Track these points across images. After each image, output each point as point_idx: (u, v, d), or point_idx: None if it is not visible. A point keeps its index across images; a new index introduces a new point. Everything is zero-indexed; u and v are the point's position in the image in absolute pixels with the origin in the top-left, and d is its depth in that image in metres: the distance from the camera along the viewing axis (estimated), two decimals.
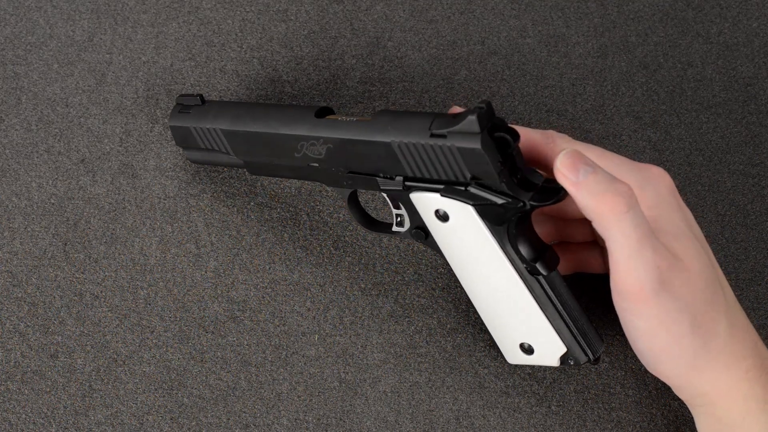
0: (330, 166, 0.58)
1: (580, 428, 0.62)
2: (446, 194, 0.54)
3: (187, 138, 0.63)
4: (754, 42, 0.69)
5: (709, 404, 0.55)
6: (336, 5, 0.69)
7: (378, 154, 0.55)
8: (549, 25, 0.69)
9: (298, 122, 0.58)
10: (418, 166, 0.54)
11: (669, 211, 0.55)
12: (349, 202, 0.60)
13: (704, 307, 0.53)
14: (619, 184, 0.51)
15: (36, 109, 0.67)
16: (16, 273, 0.64)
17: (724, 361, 0.53)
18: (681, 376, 0.55)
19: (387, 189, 0.56)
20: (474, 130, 0.51)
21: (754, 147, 0.68)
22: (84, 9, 0.69)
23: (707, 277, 0.53)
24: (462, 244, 0.55)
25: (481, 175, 0.52)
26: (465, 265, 0.56)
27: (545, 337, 0.56)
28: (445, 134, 0.52)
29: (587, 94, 0.68)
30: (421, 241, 0.58)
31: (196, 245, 0.65)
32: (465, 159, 0.52)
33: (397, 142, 0.54)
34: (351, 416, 0.62)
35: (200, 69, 0.68)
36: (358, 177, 0.57)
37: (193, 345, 0.63)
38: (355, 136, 0.55)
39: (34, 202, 0.66)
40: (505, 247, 0.54)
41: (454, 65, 0.68)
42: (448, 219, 0.55)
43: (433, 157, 0.53)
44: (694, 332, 0.52)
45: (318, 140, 0.57)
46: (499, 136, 0.52)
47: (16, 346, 0.63)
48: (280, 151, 0.59)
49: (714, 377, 0.54)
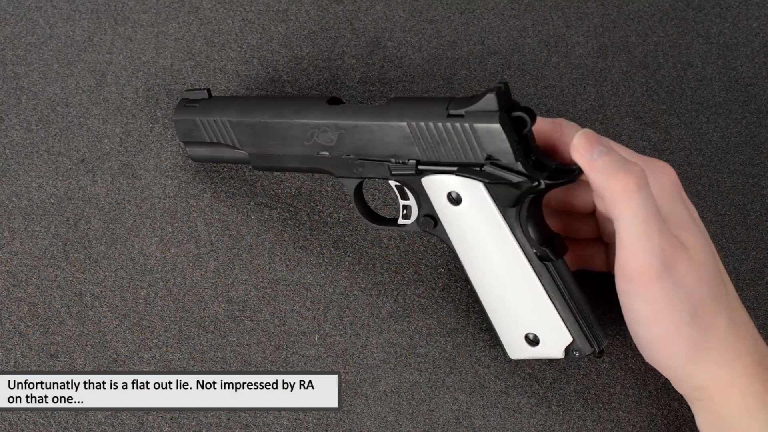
0: (341, 153, 0.58)
1: (580, 428, 0.62)
2: (461, 173, 0.55)
3: (191, 131, 0.62)
4: (754, 42, 0.69)
5: (708, 399, 0.55)
6: (336, 5, 0.69)
7: (392, 138, 0.56)
8: (549, 25, 0.69)
9: (310, 110, 0.58)
10: (433, 148, 0.55)
11: (673, 202, 0.55)
12: (354, 195, 0.60)
13: (706, 299, 0.53)
14: (631, 164, 0.52)
15: (36, 109, 0.67)
16: (16, 273, 0.65)
17: (723, 355, 0.54)
18: (678, 366, 0.55)
19: (399, 174, 0.57)
20: (492, 108, 0.53)
21: (754, 147, 0.68)
22: (84, 9, 0.69)
23: (711, 269, 0.54)
24: (473, 228, 0.56)
25: (498, 153, 0.53)
26: (474, 251, 0.56)
27: (551, 326, 0.56)
28: (462, 114, 0.53)
29: (587, 94, 0.68)
30: (428, 230, 0.58)
31: (196, 245, 0.65)
32: (482, 137, 0.53)
33: (414, 123, 0.55)
34: (351, 416, 0.62)
35: (200, 69, 0.68)
36: (369, 163, 0.58)
37: (193, 345, 0.63)
38: (371, 120, 0.56)
39: (34, 202, 0.66)
40: (515, 230, 0.55)
41: (454, 65, 0.68)
42: (460, 202, 0.56)
43: (450, 138, 0.54)
44: (693, 322, 0.53)
45: (331, 127, 0.57)
46: (516, 116, 0.53)
47: (16, 346, 0.63)
48: (289, 140, 0.59)
49: (712, 371, 0.54)
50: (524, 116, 0.53)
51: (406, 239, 0.65)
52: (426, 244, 0.65)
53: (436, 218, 0.57)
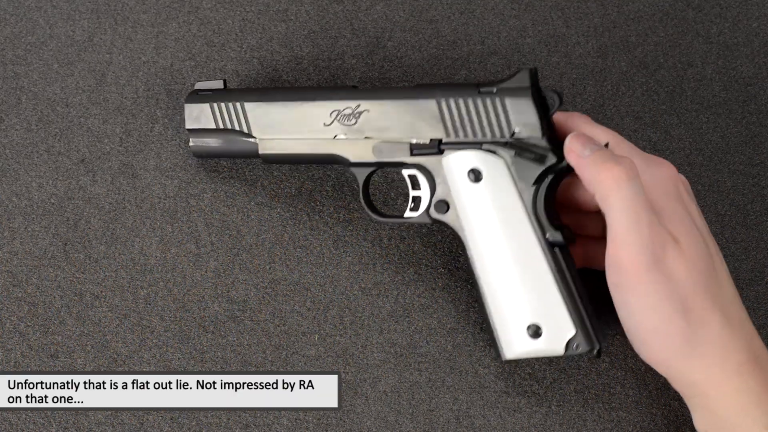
0: (360, 135, 0.59)
1: (580, 428, 0.62)
2: (486, 149, 0.57)
3: (200, 117, 0.62)
4: (754, 42, 0.69)
5: (702, 396, 0.55)
6: (336, 5, 0.69)
7: (418, 117, 0.58)
8: (549, 25, 0.69)
9: (334, 92, 0.60)
10: (459, 126, 0.58)
11: (667, 197, 0.56)
12: (363, 186, 0.61)
13: (697, 294, 0.53)
14: (622, 158, 0.54)
15: (36, 109, 0.67)
16: (16, 273, 0.65)
17: (717, 352, 0.54)
18: (670, 361, 0.55)
19: (420, 153, 0.58)
20: (524, 84, 0.57)
21: (754, 147, 0.68)
22: (84, 9, 0.69)
23: (703, 265, 0.54)
24: (489, 208, 0.57)
25: (526, 129, 0.56)
26: (485, 233, 0.57)
27: (557, 315, 0.56)
28: (494, 90, 0.57)
29: (587, 94, 0.68)
30: (438, 217, 0.59)
31: (196, 245, 0.65)
32: (512, 112, 0.57)
33: (443, 101, 0.58)
34: (351, 416, 0.62)
35: (200, 69, 0.68)
36: (389, 145, 0.59)
37: (193, 345, 0.63)
38: (400, 97, 0.59)
39: (34, 202, 0.66)
40: (531, 210, 0.57)
41: (454, 65, 0.68)
42: (480, 179, 0.57)
43: (479, 114, 0.57)
44: (684, 316, 0.53)
45: (355, 106, 0.59)
46: (545, 95, 0.57)
47: (16, 346, 0.63)
48: (308, 122, 0.60)
49: (705, 367, 0.54)
50: (553, 95, 0.56)
51: (406, 239, 0.65)
52: (426, 244, 0.65)
53: (450, 202, 0.58)
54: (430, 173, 0.59)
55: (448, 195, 0.58)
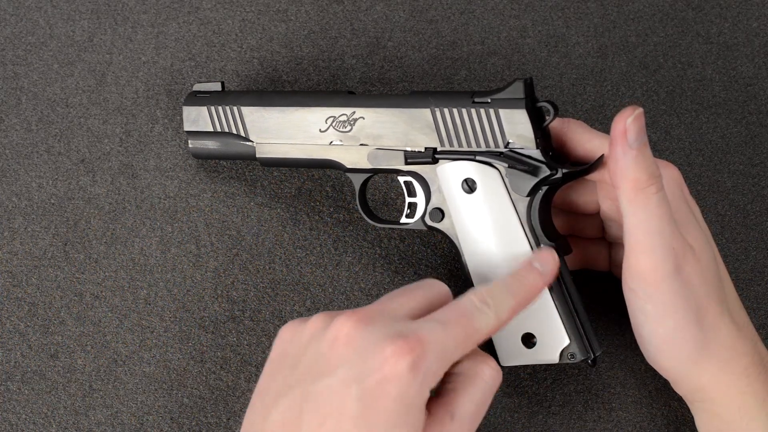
0: (356, 142, 0.59)
1: (580, 428, 0.62)
2: (480, 160, 0.57)
3: (198, 120, 0.62)
4: (754, 42, 0.69)
5: (708, 400, 0.55)
6: (336, 5, 0.69)
7: (412, 125, 0.58)
8: (549, 25, 0.69)
9: (330, 97, 0.60)
10: (453, 135, 0.57)
11: (678, 202, 0.55)
12: (359, 191, 0.61)
13: (710, 299, 0.53)
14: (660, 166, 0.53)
15: (36, 109, 0.67)
16: (16, 273, 0.65)
17: (725, 356, 0.54)
18: (681, 368, 0.55)
19: (414, 162, 0.58)
20: (518, 95, 0.56)
21: (754, 147, 0.68)
22: (84, 9, 0.69)
23: (713, 270, 0.54)
24: (483, 218, 0.57)
25: (519, 140, 0.56)
26: (480, 243, 0.57)
27: (550, 325, 0.56)
28: (488, 101, 0.56)
29: (587, 94, 0.68)
30: (433, 225, 0.58)
31: (196, 245, 0.65)
32: (506, 123, 0.56)
33: (437, 110, 0.57)
34: None
35: (200, 69, 0.68)
36: (384, 152, 0.59)
37: (193, 345, 0.64)
38: (393, 106, 0.58)
39: (34, 202, 0.66)
40: (526, 221, 0.56)
41: (454, 65, 0.68)
42: (474, 190, 0.57)
43: (473, 124, 0.57)
44: (698, 323, 0.53)
45: (350, 113, 0.59)
46: (539, 106, 0.56)
47: (16, 346, 0.63)
48: (304, 128, 0.60)
49: (713, 372, 0.54)
50: (548, 106, 0.56)
51: (406, 239, 0.65)
52: (426, 244, 0.65)
53: (444, 211, 0.58)
54: (425, 181, 0.59)
55: (443, 204, 0.58)
